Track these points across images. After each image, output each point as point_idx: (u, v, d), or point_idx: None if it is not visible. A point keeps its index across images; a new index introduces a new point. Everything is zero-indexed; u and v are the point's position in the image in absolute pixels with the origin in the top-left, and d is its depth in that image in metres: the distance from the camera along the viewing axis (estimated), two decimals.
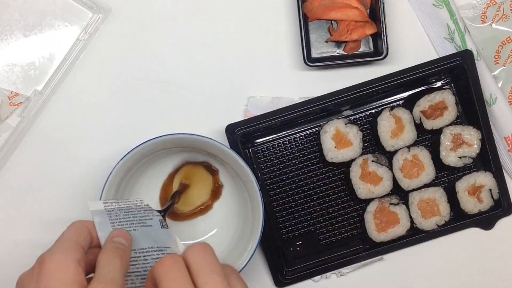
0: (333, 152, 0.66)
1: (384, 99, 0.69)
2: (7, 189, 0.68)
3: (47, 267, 0.43)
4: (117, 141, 0.68)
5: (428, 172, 0.67)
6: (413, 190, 0.67)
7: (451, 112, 0.67)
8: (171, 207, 0.61)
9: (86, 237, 0.47)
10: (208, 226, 0.67)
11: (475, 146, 0.66)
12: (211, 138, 0.59)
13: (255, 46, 0.70)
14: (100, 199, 0.58)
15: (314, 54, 0.69)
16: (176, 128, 0.68)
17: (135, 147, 0.58)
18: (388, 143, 0.66)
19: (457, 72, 0.68)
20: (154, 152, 0.62)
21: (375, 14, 0.68)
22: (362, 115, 0.69)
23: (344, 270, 0.69)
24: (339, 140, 0.66)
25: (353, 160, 0.66)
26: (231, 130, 0.65)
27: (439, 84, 0.70)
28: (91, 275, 0.46)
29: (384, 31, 0.66)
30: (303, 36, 0.67)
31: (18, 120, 0.68)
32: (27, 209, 0.68)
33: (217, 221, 0.67)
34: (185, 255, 0.44)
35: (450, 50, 0.69)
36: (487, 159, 0.68)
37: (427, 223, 0.67)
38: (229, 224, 0.66)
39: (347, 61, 0.68)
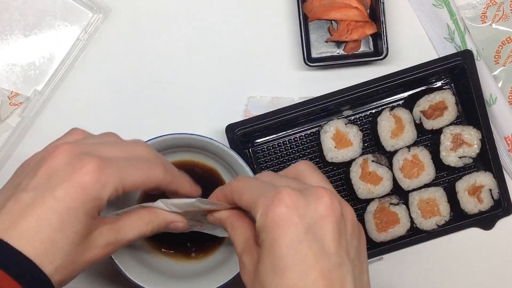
0: (333, 152, 0.66)
1: (384, 99, 0.69)
2: None
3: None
4: None
5: (428, 172, 0.67)
6: (413, 190, 0.67)
7: (451, 112, 0.67)
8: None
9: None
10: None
11: (475, 146, 0.66)
12: (211, 138, 0.58)
13: (255, 46, 0.70)
14: None
15: (314, 54, 0.69)
16: (176, 128, 0.68)
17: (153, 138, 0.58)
18: (388, 143, 0.66)
19: (457, 72, 0.68)
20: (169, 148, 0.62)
21: (375, 14, 0.68)
22: (362, 115, 0.69)
23: None
24: (339, 140, 0.66)
25: (353, 160, 0.66)
26: (231, 130, 0.65)
27: (439, 84, 0.70)
28: None
29: (384, 31, 0.66)
30: (303, 36, 0.67)
31: (18, 120, 0.68)
32: None
33: None
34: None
35: (450, 50, 0.69)
36: (487, 159, 0.68)
37: (427, 223, 0.67)
38: None
39: (347, 61, 0.68)
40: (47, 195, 0.41)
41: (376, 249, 0.68)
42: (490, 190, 0.67)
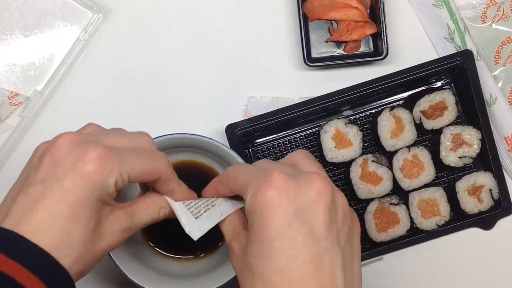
0: (333, 152, 0.66)
1: (384, 99, 0.69)
2: (7, 189, 0.68)
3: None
4: None
5: (428, 172, 0.67)
6: (413, 190, 0.67)
7: (451, 112, 0.67)
8: None
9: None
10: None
11: (475, 146, 0.66)
12: (211, 138, 0.58)
13: (255, 46, 0.70)
14: None
15: (314, 54, 0.69)
16: (176, 128, 0.68)
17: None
18: (388, 143, 0.66)
19: (457, 72, 0.68)
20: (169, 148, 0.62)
21: (375, 14, 0.68)
22: (362, 115, 0.69)
23: None
24: (339, 140, 0.66)
25: (353, 160, 0.66)
26: (231, 130, 0.65)
27: (439, 84, 0.70)
28: None
29: (384, 31, 0.66)
30: (303, 36, 0.67)
31: (18, 120, 0.68)
32: None
33: None
34: None
35: (450, 50, 0.69)
36: (487, 159, 0.68)
37: (427, 223, 0.67)
38: None
39: (347, 61, 0.68)
40: (56, 187, 0.41)
41: (376, 249, 0.68)
42: (490, 190, 0.67)
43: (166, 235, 0.63)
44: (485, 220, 0.69)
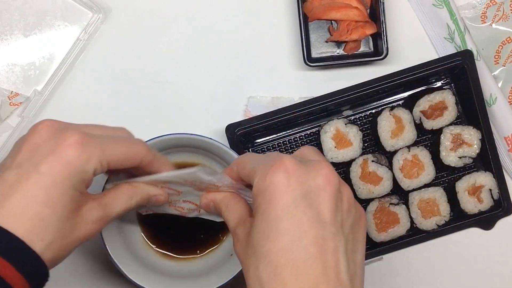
0: (333, 152, 0.66)
1: (384, 99, 0.69)
2: None
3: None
4: None
5: (428, 172, 0.67)
6: (413, 190, 0.67)
7: (451, 112, 0.67)
8: None
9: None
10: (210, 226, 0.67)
11: (475, 146, 0.66)
12: (211, 138, 0.58)
13: (255, 46, 0.70)
14: None
15: (314, 54, 0.69)
16: (176, 128, 0.68)
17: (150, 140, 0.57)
18: (388, 143, 0.66)
19: (457, 72, 0.68)
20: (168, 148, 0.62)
21: (375, 14, 0.68)
22: (362, 115, 0.69)
23: None
24: (339, 140, 0.66)
25: (353, 160, 0.66)
26: (231, 130, 0.65)
27: (439, 84, 0.70)
28: None
29: (384, 31, 0.66)
30: (303, 36, 0.67)
31: (18, 120, 0.68)
32: None
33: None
34: None
35: (450, 50, 0.69)
36: (487, 159, 0.68)
37: (427, 223, 0.67)
38: None
39: (347, 61, 0.68)
40: (32, 171, 0.41)
41: (376, 249, 0.68)
42: (490, 190, 0.67)
43: (165, 235, 0.63)
44: (485, 220, 0.69)
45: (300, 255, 0.39)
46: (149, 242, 0.63)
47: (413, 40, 0.71)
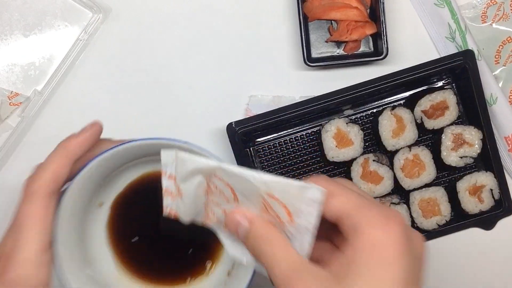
0: (334, 151, 0.66)
1: (385, 98, 0.69)
2: (7, 189, 0.68)
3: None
4: None
5: (429, 172, 0.67)
6: (414, 189, 0.67)
7: (452, 112, 0.67)
8: None
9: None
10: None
11: (476, 146, 0.66)
12: (174, 140, 0.47)
13: (255, 45, 0.70)
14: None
15: (314, 54, 0.69)
16: (176, 127, 0.68)
17: (114, 147, 0.49)
18: (389, 142, 0.66)
19: (458, 72, 0.68)
20: (139, 157, 0.51)
21: (375, 14, 0.68)
22: (363, 115, 0.69)
23: None
24: (340, 139, 0.66)
25: (354, 159, 0.66)
26: (232, 129, 0.65)
27: (440, 83, 0.70)
28: None
29: (384, 31, 0.66)
30: (303, 36, 0.67)
31: (18, 120, 0.67)
32: None
33: None
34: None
35: (451, 49, 0.69)
36: (488, 159, 0.68)
37: (428, 223, 0.67)
38: None
39: (347, 61, 0.68)
40: None
41: None
42: (491, 190, 0.67)
43: (144, 262, 0.54)
44: (486, 220, 0.69)
45: None
46: (125, 273, 0.53)
47: (413, 39, 0.71)
